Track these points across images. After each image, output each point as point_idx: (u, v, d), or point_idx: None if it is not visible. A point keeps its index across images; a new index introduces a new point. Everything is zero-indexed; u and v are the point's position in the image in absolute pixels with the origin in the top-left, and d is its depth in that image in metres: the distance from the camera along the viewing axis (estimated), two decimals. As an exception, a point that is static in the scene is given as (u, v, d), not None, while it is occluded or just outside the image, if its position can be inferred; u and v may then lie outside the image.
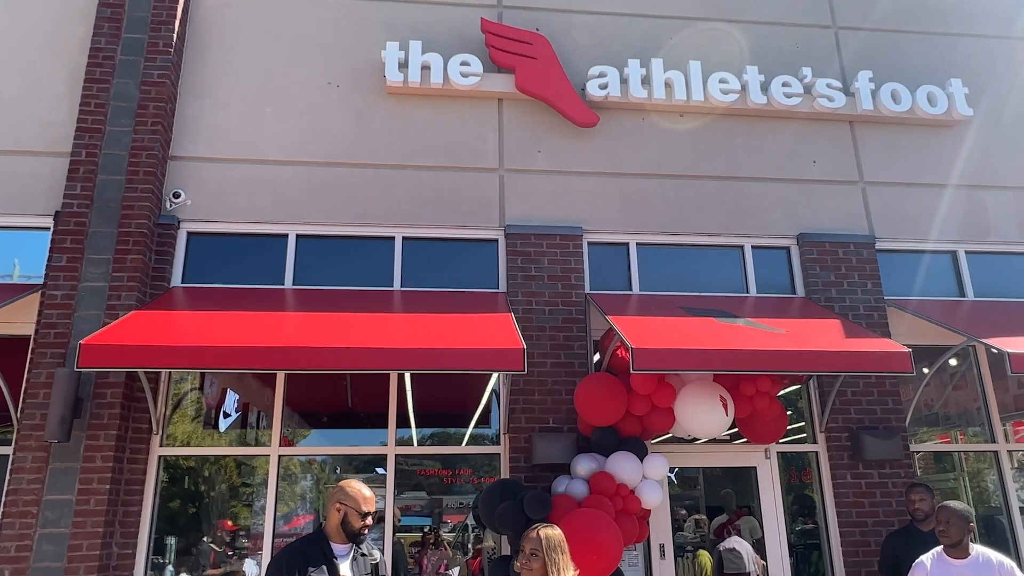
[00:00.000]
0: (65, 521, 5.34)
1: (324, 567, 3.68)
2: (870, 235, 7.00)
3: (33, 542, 5.27)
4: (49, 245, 6.06)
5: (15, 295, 5.64)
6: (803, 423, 6.62)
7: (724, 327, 5.62)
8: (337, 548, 3.79)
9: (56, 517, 5.33)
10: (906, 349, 5.30)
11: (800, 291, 6.87)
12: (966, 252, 7.16)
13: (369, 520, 3.82)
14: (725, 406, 5.56)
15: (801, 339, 5.43)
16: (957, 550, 4.35)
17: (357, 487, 3.86)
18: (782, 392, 6.25)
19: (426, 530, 6.23)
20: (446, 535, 6.27)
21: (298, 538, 3.98)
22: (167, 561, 5.88)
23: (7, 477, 5.48)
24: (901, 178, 7.27)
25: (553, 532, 3.78)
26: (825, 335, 5.62)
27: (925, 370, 6.48)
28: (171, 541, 5.91)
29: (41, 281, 5.99)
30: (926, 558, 4.47)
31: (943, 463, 6.86)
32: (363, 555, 3.85)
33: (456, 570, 6.27)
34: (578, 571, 3.80)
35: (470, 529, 6.31)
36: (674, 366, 5.12)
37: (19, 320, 5.96)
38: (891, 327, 6.67)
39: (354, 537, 3.79)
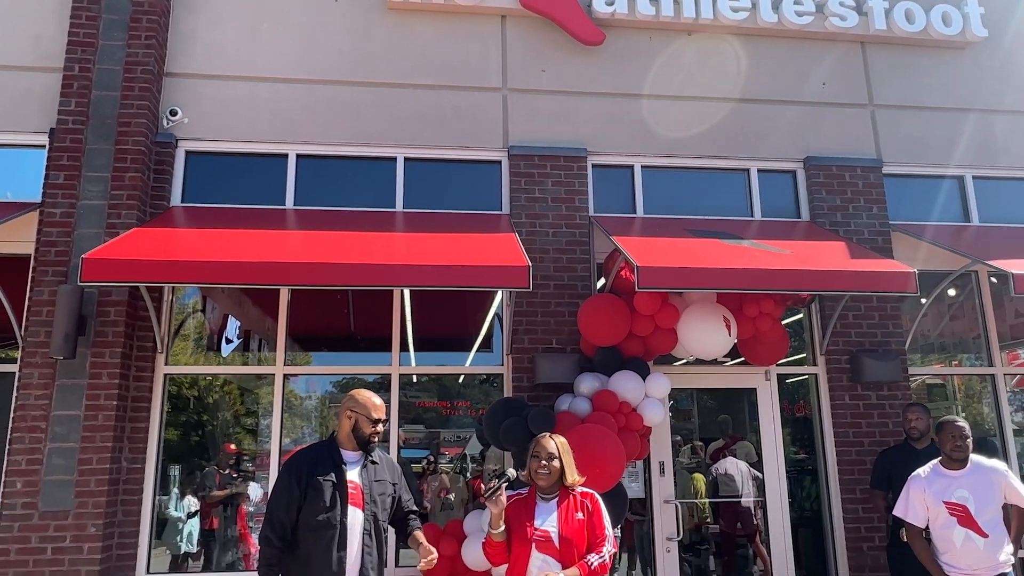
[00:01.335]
0: (74, 436, 5.40)
1: (332, 474, 3.75)
2: (877, 159, 6.92)
3: (43, 456, 5.34)
4: (45, 163, 5.95)
5: (13, 213, 5.56)
6: (803, 354, 6.65)
7: (729, 248, 5.60)
8: (347, 455, 3.85)
9: (65, 432, 5.39)
10: (911, 269, 5.30)
11: (805, 215, 6.83)
12: (973, 177, 7.09)
13: (380, 427, 3.86)
14: (728, 327, 5.58)
15: (806, 259, 5.42)
16: (961, 463, 4.42)
17: (367, 395, 3.90)
18: (784, 322, 6.27)
19: (425, 460, 6.36)
20: (444, 466, 6.40)
21: (309, 444, 4.04)
22: (173, 483, 5.98)
23: (15, 393, 5.51)
24: (911, 101, 7.14)
25: (563, 438, 3.93)
26: (830, 256, 5.61)
27: (923, 300, 6.50)
28: (177, 466, 6.01)
29: (39, 199, 5.91)
30: (922, 471, 4.54)
31: (935, 396, 6.95)
32: (373, 463, 3.91)
33: (455, 495, 6.42)
34: (585, 477, 3.91)
35: (468, 459, 6.44)
36: (679, 284, 5.12)
37: (18, 239, 5.89)
38: (895, 252, 6.65)
39: (365, 444, 3.84)
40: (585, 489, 3.89)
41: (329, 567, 3.62)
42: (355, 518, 3.72)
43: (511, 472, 3.74)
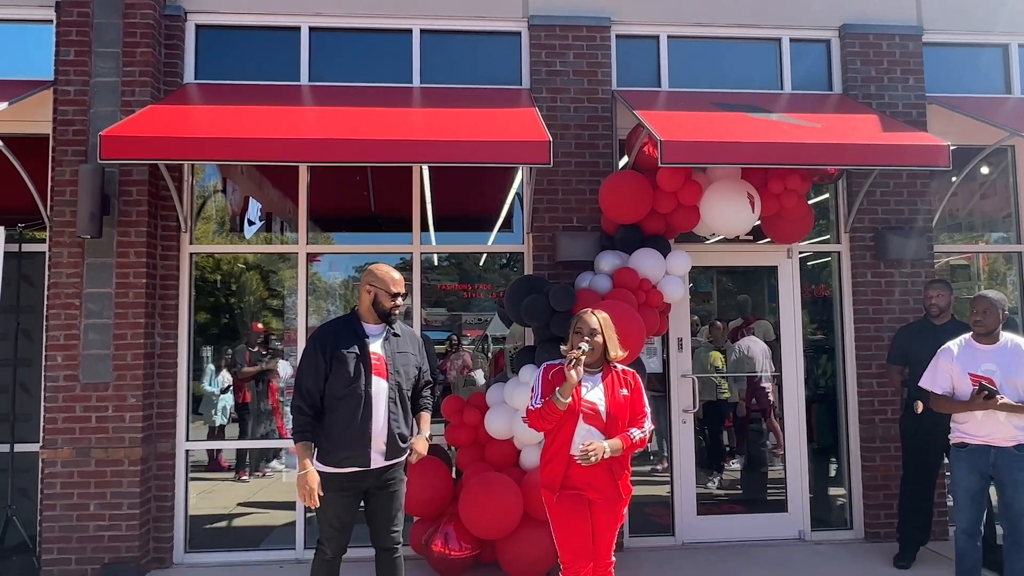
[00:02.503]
0: (107, 313, 5.56)
1: (355, 346, 3.85)
2: (917, 26, 6.54)
3: (80, 331, 5.52)
4: (55, 38, 5.82)
5: (27, 91, 5.49)
6: (827, 235, 6.55)
7: (757, 121, 5.43)
8: (369, 328, 3.94)
9: (98, 309, 5.55)
10: (944, 142, 5.13)
11: (838, 88, 6.54)
12: (1019, 45, 6.71)
13: (399, 301, 3.93)
14: (752, 203, 5.49)
15: (836, 133, 5.25)
16: (988, 337, 4.42)
17: (386, 269, 3.95)
18: (811, 202, 6.15)
19: (448, 341, 6.52)
20: (467, 347, 6.54)
21: (332, 319, 4.14)
22: (207, 362, 6.20)
23: (47, 272, 5.64)
24: (959, -38, 6.68)
25: (604, 313, 3.94)
26: (861, 129, 5.42)
27: (954, 179, 6.32)
28: (209, 347, 6.21)
29: (51, 77, 5.82)
30: (953, 344, 4.54)
31: (958, 276, 6.88)
32: (395, 335, 4.00)
33: (479, 372, 6.61)
34: (627, 352, 3.97)
35: (489, 340, 6.58)
36: (704, 159, 5.01)
37: (35, 118, 5.84)
38: (930, 126, 6.40)
39: (386, 316, 3.92)
40: (626, 367, 3.96)
41: (357, 433, 3.79)
42: (380, 387, 3.85)
43: (585, 345, 3.75)
